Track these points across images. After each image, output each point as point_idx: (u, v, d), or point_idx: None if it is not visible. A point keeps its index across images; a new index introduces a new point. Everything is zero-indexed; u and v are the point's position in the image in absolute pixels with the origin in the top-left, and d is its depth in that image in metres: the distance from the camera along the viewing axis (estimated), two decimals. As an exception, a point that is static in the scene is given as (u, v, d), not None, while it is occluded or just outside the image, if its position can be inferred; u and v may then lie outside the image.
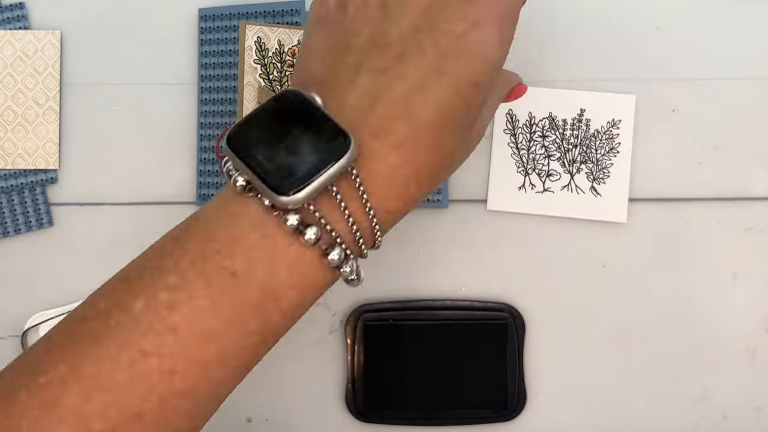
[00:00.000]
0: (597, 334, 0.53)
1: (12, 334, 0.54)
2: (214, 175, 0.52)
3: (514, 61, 0.54)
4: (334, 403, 0.54)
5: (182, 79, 0.54)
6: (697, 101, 0.54)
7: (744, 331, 0.54)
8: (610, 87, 0.54)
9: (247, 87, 0.49)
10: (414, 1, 0.35)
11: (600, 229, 0.54)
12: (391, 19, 0.34)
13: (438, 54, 0.34)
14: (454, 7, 0.34)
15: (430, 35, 0.34)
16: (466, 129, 0.36)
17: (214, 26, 0.52)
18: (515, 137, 0.54)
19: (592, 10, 0.54)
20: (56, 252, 0.54)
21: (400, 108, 0.33)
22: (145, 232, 0.54)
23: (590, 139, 0.53)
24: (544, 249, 0.54)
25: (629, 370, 0.53)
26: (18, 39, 0.53)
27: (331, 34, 0.36)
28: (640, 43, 0.54)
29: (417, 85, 0.34)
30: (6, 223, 0.53)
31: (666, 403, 0.54)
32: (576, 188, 0.53)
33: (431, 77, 0.34)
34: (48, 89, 0.53)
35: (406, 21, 0.34)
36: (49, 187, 0.54)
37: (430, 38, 0.34)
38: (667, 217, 0.54)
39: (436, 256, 0.54)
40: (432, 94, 0.34)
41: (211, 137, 0.52)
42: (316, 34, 0.36)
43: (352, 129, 0.33)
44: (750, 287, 0.54)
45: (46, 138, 0.53)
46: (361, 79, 0.34)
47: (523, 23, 0.54)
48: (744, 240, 0.54)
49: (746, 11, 0.54)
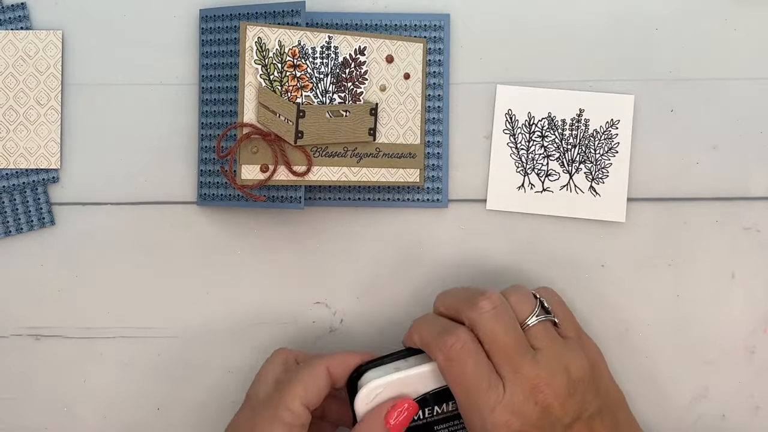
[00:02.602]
0: (596, 333, 0.54)
1: (14, 333, 0.54)
2: (214, 175, 0.53)
3: (514, 61, 0.54)
4: (334, 401, 0.54)
5: (183, 79, 0.54)
6: (695, 101, 0.54)
7: (742, 330, 0.54)
8: (609, 87, 0.54)
9: (247, 87, 0.49)
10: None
11: (599, 228, 0.54)
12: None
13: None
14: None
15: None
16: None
17: (214, 27, 0.53)
18: (514, 137, 0.54)
19: (591, 10, 0.54)
20: (57, 251, 0.54)
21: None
22: (146, 232, 0.54)
23: (589, 139, 0.53)
24: (543, 249, 0.54)
25: (628, 369, 0.54)
26: (20, 39, 0.53)
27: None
28: (640, 44, 0.54)
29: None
30: (8, 222, 0.53)
31: (665, 401, 0.54)
32: (575, 188, 0.54)
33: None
34: (49, 89, 0.53)
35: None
36: (51, 186, 0.54)
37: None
38: (666, 216, 0.54)
39: (436, 255, 0.54)
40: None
41: (212, 137, 0.53)
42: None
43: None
44: (748, 287, 0.54)
45: (48, 137, 0.53)
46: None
47: (523, 23, 0.54)
48: (742, 239, 0.54)
49: (745, 11, 0.54)
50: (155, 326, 0.54)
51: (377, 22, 0.53)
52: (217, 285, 0.54)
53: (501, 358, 0.43)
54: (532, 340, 0.44)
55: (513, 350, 0.43)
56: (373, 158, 0.52)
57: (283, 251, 0.54)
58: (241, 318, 0.54)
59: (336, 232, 0.54)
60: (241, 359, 0.54)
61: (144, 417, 0.54)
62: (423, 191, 0.54)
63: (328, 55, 0.50)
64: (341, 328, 0.54)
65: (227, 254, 0.54)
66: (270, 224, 0.54)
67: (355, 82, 0.51)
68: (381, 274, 0.54)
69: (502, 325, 0.43)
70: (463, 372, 0.43)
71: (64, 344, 0.54)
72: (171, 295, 0.54)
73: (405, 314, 0.54)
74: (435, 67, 0.53)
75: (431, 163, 0.53)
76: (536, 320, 0.45)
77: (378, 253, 0.54)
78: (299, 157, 0.50)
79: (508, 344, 0.43)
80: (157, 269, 0.54)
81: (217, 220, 0.54)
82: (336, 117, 0.51)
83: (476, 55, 0.54)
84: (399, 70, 0.52)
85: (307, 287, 0.54)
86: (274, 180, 0.50)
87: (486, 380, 0.42)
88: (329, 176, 0.51)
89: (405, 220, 0.54)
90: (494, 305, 0.44)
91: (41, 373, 0.54)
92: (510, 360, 0.43)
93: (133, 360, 0.54)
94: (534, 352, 0.43)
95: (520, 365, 0.43)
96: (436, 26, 0.53)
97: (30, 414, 0.54)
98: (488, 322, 0.43)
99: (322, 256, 0.54)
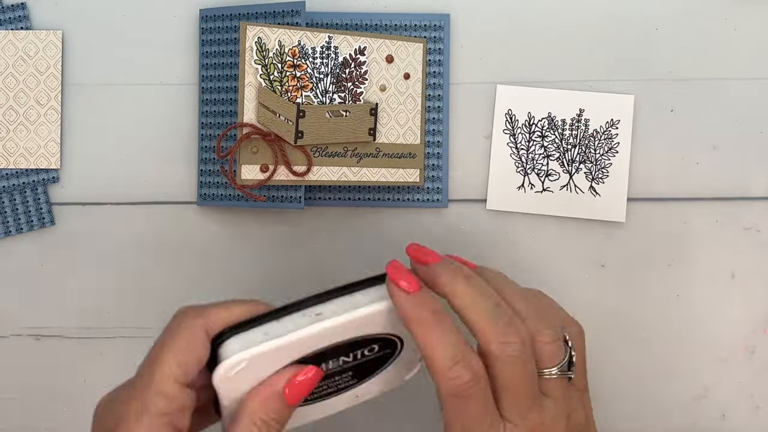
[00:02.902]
0: (596, 333, 0.54)
1: (14, 333, 0.54)
2: (214, 175, 0.53)
3: (514, 61, 0.54)
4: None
5: (183, 79, 0.54)
6: (695, 101, 0.54)
7: (742, 330, 0.54)
8: (609, 87, 0.54)
9: (247, 87, 0.49)
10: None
11: (599, 228, 0.54)
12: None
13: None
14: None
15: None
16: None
17: (214, 27, 0.53)
18: (514, 137, 0.54)
19: (591, 11, 0.54)
20: (57, 251, 0.54)
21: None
22: (146, 232, 0.54)
23: (589, 139, 0.53)
24: (543, 248, 0.54)
25: (628, 368, 0.54)
26: (20, 39, 0.53)
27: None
28: (639, 44, 0.54)
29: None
30: (8, 222, 0.53)
31: (665, 401, 0.54)
32: (575, 188, 0.54)
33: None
34: (49, 89, 0.53)
35: None
36: (51, 186, 0.54)
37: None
38: (666, 216, 0.54)
39: (436, 255, 0.54)
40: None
41: (212, 137, 0.53)
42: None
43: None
44: (748, 286, 0.54)
45: (48, 137, 0.53)
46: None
47: (523, 24, 0.54)
48: (742, 239, 0.54)
49: (745, 11, 0.54)
50: (155, 326, 0.54)
51: (377, 22, 0.53)
52: (217, 285, 0.54)
53: (510, 402, 0.40)
54: (545, 388, 0.41)
55: (526, 398, 0.40)
56: (373, 158, 0.52)
57: (283, 251, 0.54)
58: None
59: (336, 232, 0.54)
60: (241, 359, 0.54)
61: (144, 417, 0.54)
62: (423, 191, 0.54)
63: (328, 55, 0.50)
64: (341, 328, 0.54)
65: (227, 254, 0.54)
66: (270, 224, 0.54)
67: (355, 82, 0.51)
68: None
69: (521, 373, 0.40)
70: (467, 410, 0.39)
71: (64, 344, 0.54)
72: (171, 295, 0.54)
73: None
74: (435, 67, 0.53)
75: (431, 163, 0.53)
76: (557, 374, 0.41)
77: (378, 253, 0.54)
78: (299, 157, 0.50)
79: (522, 392, 0.40)
80: (157, 269, 0.54)
81: (217, 220, 0.54)
82: (336, 117, 0.51)
83: (476, 55, 0.54)
84: (399, 70, 0.52)
85: (307, 287, 0.54)
86: (274, 180, 0.50)
87: (488, 421, 0.40)
88: (329, 176, 0.51)
89: (405, 220, 0.54)
90: (522, 347, 0.39)
91: (41, 373, 0.54)
92: (519, 405, 0.40)
93: (133, 360, 0.54)
94: (542, 399, 0.41)
95: (527, 412, 0.40)
96: (436, 26, 0.53)
97: (30, 414, 0.54)
98: (510, 365, 0.39)
99: (322, 256, 0.54)
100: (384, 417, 0.54)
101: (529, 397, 0.40)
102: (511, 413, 0.40)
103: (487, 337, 0.38)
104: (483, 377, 0.39)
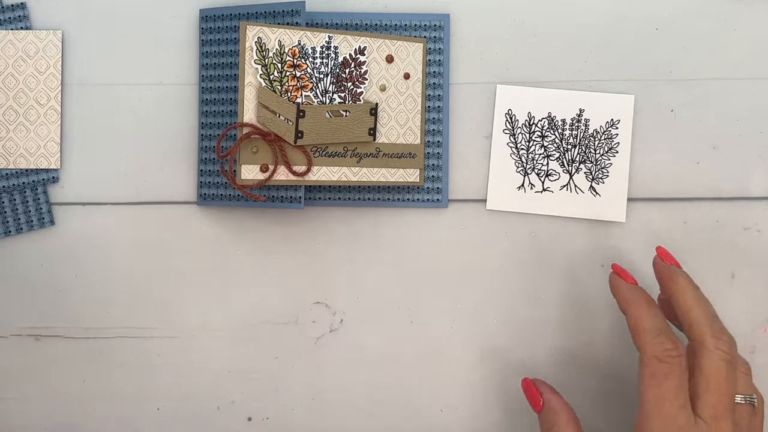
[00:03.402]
0: (597, 333, 0.54)
1: (14, 333, 0.54)
2: (214, 175, 0.53)
3: (514, 61, 0.54)
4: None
5: (183, 79, 0.54)
6: (695, 101, 0.54)
7: (742, 330, 0.54)
8: (609, 87, 0.54)
9: (247, 87, 0.49)
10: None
11: (599, 228, 0.54)
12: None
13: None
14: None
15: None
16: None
17: (214, 27, 0.53)
18: (514, 137, 0.54)
19: (591, 11, 0.54)
20: (57, 251, 0.54)
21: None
22: (146, 232, 0.54)
23: (589, 139, 0.53)
24: (543, 248, 0.54)
25: (629, 369, 0.54)
26: (19, 39, 0.53)
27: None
28: (640, 43, 0.54)
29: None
30: (8, 222, 0.53)
31: (664, 402, 0.54)
32: (575, 188, 0.54)
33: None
34: (49, 89, 0.53)
35: None
36: (51, 186, 0.54)
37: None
38: (666, 216, 0.54)
39: (436, 255, 0.54)
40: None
41: (212, 137, 0.53)
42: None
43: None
44: (748, 287, 0.54)
45: (48, 137, 0.53)
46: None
47: (523, 24, 0.54)
48: (742, 239, 0.54)
49: (745, 11, 0.54)
50: (155, 326, 0.54)
51: (377, 22, 0.53)
52: (217, 285, 0.54)
53: (711, 398, 0.43)
54: (735, 409, 0.44)
55: (726, 399, 0.43)
56: (373, 158, 0.52)
57: (283, 251, 0.54)
58: (241, 318, 0.54)
59: (336, 232, 0.54)
60: (241, 359, 0.54)
61: (144, 417, 0.54)
62: (423, 191, 0.54)
63: (328, 55, 0.50)
64: (341, 328, 0.54)
65: (227, 254, 0.54)
66: (270, 224, 0.54)
67: (355, 82, 0.51)
68: (381, 274, 0.54)
69: (726, 371, 0.43)
70: (664, 381, 0.42)
71: (64, 344, 0.54)
72: (170, 295, 0.54)
73: (405, 314, 0.54)
74: (435, 67, 0.53)
75: (431, 163, 0.53)
76: (744, 401, 0.45)
77: (378, 253, 0.54)
78: (299, 157, 0.50)
79: (725, 392, 0.43)
80: (157, 269, 0.54)
81: (217, 220, 0.54)
82: (336, 117, 0.51)
83: (476, 55, 0.54)
84: (399, 70, 0.52)
85: (307, 287, 0.54)
86: (274, 180, 0.50)
87: (683, 398, 0.42)
88: (329, 176, 0.51)
89: (405, 220, 0.54)
90: (731, 351, 0.44)
91: (41, 373, 0.54)
92: (718, 405, 0.42)
93: (133, 360, 0.54)
94: (734, 416, 0.43)
95: (723, 417, 0.42)
96: (436, 26, 0.53)
97: (30, 414, 0.54)
98: (718, 360, 0.43)
99: (322, 256, 0.54)
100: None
101: (729, 400, 0.43)
102: (705, 410, 0.42)
103: (704, 329, 0.44)
104: (683, 355, 0.43)
